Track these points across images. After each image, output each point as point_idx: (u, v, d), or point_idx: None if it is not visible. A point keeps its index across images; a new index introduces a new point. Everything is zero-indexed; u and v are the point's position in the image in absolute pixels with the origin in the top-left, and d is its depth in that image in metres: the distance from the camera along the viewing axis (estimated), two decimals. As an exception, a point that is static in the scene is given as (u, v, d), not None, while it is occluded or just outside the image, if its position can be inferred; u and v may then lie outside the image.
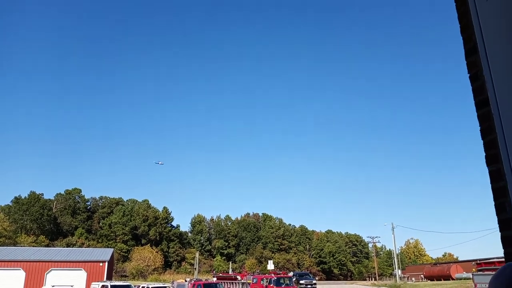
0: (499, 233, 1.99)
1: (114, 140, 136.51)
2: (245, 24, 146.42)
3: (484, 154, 2.15)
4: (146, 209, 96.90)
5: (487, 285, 14.27)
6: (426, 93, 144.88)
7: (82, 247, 65.98)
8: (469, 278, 50.43)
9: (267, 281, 28.64)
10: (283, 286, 28.66)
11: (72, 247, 67.50)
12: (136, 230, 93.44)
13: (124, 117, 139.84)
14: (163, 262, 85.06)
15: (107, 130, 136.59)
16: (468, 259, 73.21)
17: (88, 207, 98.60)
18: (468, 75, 2.34)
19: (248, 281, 30.30)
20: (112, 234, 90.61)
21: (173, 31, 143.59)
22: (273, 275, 29.77)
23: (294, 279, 33.82)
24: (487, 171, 2.11)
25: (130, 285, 29.97)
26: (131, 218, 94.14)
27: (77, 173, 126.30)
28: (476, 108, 2.23)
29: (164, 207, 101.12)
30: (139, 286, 31.06)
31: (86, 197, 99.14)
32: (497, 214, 2.00)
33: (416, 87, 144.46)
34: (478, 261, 23.11)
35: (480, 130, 2.20)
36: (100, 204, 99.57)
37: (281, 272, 32.16)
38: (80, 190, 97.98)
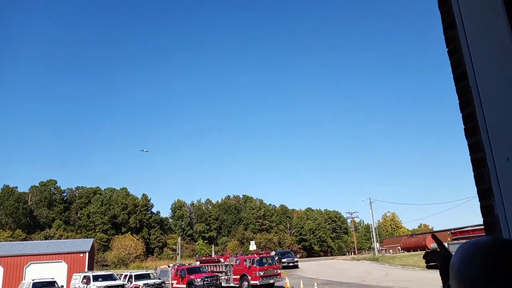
0: (478, 203, 2.05)
1: (88, 129, 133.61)
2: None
3: (463, 126, 2.17)
4: (124, 197, 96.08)
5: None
6: (397, 67, 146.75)
7: (60, 239, 64.98)
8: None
9: (250, 262, 29.02)
10: (266, 265, 29.11)
11: (51, 239, 66.45)
12: (116, 219, 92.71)
13: (95, 104, 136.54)
14: (144, 249, 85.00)
15: (79, 118, 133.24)
16: (443, 229, 75.99)
17: (65, 198, 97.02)
18: (447, 49, 2.35)
19: (231, 263, 30.63)
20: (91, 224, 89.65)
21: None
22: (255, 255, 30.16)
23: (276, 258, 34.34)
24: (466, 143, 2.14)
25: (113, 274, 29.85)
26: (109, 207, 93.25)
27: (51, 164, 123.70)
28: (455, 82, 2.25)
29: (143, 194, 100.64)
30: (122, 274, 31.04)
31: (62, 188, 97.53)
32: (476, 185, 2.04)
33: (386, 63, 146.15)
34: (453, 231, 23.94)
35: (459, 103, 2.21)
36: (77, 195, 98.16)
37: (263, 252, 32.59)
38: (56, 181, 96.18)
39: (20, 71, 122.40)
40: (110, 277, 28.19)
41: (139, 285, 27.74)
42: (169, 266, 32.54)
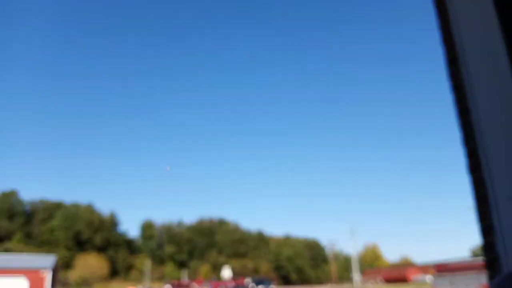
0: (480, 240, 2.15)
1: (53, 139, 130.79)
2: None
3: (466, 162, 2.29)
4: (90, 214, 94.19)
5: (445, 286, 14.98)
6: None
7: (20, 254, 62.92)
8: (425, 281, 53.03)
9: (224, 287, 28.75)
10: (240, 293, 28.88)
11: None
12: (80, 236, 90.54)
13: (60, 111, 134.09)
14: (110, 270, 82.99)
15: (43, 126, 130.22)
16: (424, 261, 76.86)
17: (27, 211, 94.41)
18: (449, 84, 2.48)
19: (205, 288, 30.27)
20: (53, 239, 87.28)
21: None
22: (230, 282, 29.86)
23: (250, 285, 34.10)
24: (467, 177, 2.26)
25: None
26: (74, 223, 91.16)
27: (13, 174, 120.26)
28: (457, 117, 2.38)
29: (111, 212, 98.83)
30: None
31: (24, 200, 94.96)
32: (478, 221, 2.16)
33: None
34: (436, 264, 24.41)
35: (461, 139, 2.34)
36: (40, 208, 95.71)
37: (238, 279, 32.30)
38: (17, 193, 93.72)
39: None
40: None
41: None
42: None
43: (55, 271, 40.91)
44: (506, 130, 1.98)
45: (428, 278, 49.36)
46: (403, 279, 63.67)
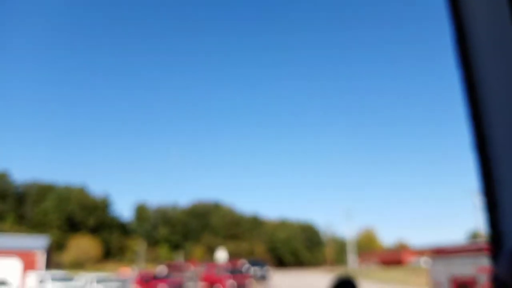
0: (484, 217, 2.29)
1: (48, 120, 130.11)
2: None
3: (472, 143, 2.41)
4: (83, 196, 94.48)
5: (441, 270, 15.21)
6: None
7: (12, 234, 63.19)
8: (420, 264, 54.04)
9: (219, 270, 29.13)
10: (235, 274, 29.31)
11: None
12: (73, 218, 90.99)
13: (53, 92, 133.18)
14: (103, 252, 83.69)
15: (37, 109, 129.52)
16: (419, 244, 78.16)
17: (19, 193, 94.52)
18: (457, 66, 2.58)
19: (199, 270, 30.67)
20: (46, 221, 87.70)
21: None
22: (226, 263, 30.31)
23: (247, 267, 34.55)
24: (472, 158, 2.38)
25: (71, 275, 29.38)
26: (67, 205, 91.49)
27: (5, 156, 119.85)
28: (464, 99, 2.49)
29: (104, 194, 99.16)
30: (82, 277, 30.51)
31: (17, 181, 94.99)
32: (482, 200, 2.29)
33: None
34: (432, 247, 24.82)
35: (468, 120, 2.44)
36: (32, 190, 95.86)
37: (234, 260, 32.77)
38: (9, 174, 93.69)
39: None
40: (68, 279, 27.68)
41: (100, 289, 27.38)
42: (132, 270, 32.24)
43: (48, 252, 41.18)
44: (510, 112, 2.08)
45: (423, 261, 50.27)
46: (398, 262, 64.74)
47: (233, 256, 76.56)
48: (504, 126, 2.20)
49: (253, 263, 51.09)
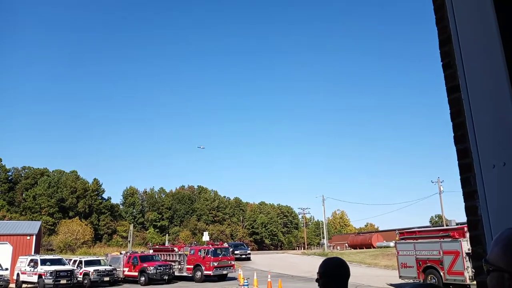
0: (464, 203, 2.29)
1: (38, 105, 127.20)
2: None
3: (453, 134, 2.41)
4: (74, 181, 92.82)
5: (409, 252, 15.54)
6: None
7: (4, 220, 61.84)
8: (389, 246, 55.01)
9: (204, 252, 29.10)
10: (220, 256, 29.33)
11: (-7, 220, 63.05)
12: (64, 203, 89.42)
13: (49, 81, 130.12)
14: (93, 235, 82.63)
15: (29, 93, 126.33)
16: (387, 228, 79.59)
17: (10, 178, 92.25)
18: (441, 63, 2.56)
19: (185, 253, 30.55)
20: (36, 206, 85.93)
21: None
22: (210, 246, 30.27)
23: (230, 249, 34.63)
24: (455, 149, 2.38)
25: (62, 258, 28.90)
26: (57, 189, 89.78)
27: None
28: (447, 93, 2.47)
29: (95, 179, 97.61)
30: (71, 259, 30.10)
31: (7, 167, 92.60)
32: (462, 187, 2.28)
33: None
34: (400, 231, 25.27)
35: (450, 113, 2.44)
36: (23, 175, 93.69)
37: (218, 243, 32.77)
38: (0, 160, 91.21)
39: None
40: (59, 262, 27.24)
41: (89, 271, 27.03)
42: (121, 253, 31.92)
43: (39, 236, 40.47)
44: (491, 105, 2.08)
45: (392, 243, 51.21)
46: (368, 245, 65.74)
47: (215, 239, 76.85)
48: (484, 123, 2.19)
49: (236, 245, 51.45)
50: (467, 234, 19.03)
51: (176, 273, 30.16)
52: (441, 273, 19.43)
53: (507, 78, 2.01)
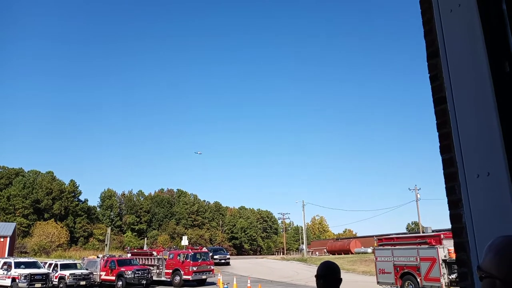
0: (448, 211, 2.36)
1: (14, 104, 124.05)
2: None
3: (439, 144, 2.48)
4: (50, 182, 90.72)
5: (387, 258, 15.73)
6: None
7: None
8: (366, 252, 55.58)
9: (183, 257, 28.83)
10: (199, 261, 29.10)
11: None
12: (39, 204, 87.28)
13: (24, 81, 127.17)
14: (68, 238, 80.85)
15: (4, 93, 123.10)
16: (365, 235, 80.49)
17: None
18: (429, 75, 2.64)
19: (164, 257, 30.20)
20: (11, 207, 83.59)
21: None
22: (190, 250, 30.01)
23: (210, 253, 34.41)
24: (440, 159, 2.46)
25: (37, 261, 28.17)
26: (32, 190, 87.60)
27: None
28: (434, 105, 2.55)
29: (71, 180, 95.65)
30: (46, 262, 29.36)
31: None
32: (447, 196, 2.36)
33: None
34: (379, 237, 25.62)
35: (436, 123, 2.51)
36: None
37: (198, 248, 32.53)
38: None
39: None
40: (33, 265, 26.54)
41: (65, 275, 26.40)
42: (98, 257, 31.31)
43: (13, 238, 39.43)
44: (476, 117, 2.16)
45: (370, 249, 51.76)
46: (347, 251, 66.22)
47: (195, 243, 76.22)
48: (469, 133, 2.27)
49: (215, 250, 51.14)
50: (444, 241, 19.42)
51: (155, 278, 29.72)
52: (418, 279, 19.76)
53: (492, 91, 2.08)
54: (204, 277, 29.41)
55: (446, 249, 19.03)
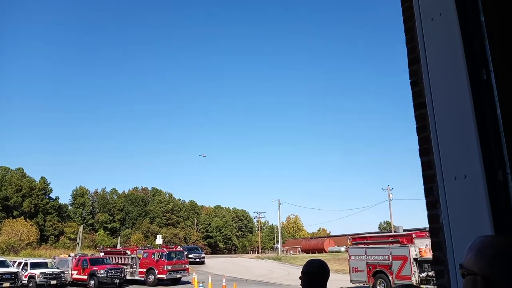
0: (426, 211, 2.47)
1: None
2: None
3: (418, 147, 2.58)
4: (20, 178, 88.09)
5: (360, 257, 16.07)
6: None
7: None
8: (340, 251, 56.41)
9: (158, 255, 28.54)
10: (174, 260, 28.87)
11: None
12: (7, 201, 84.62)
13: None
14: (38, 237, 78.68)
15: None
16: (339, 234, 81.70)
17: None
18: (410, 80, 2.74)
19: (138, 256, 29.82)
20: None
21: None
22: (165, 249, 29.75)
23: (184, 252, 34.20)
24: (419, 161, 2.57)
25: (5, 260, 27.31)
26: (1, 187, 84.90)
27: None
28: (414, 109, 2.65)
29: (42, 177, 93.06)
30: (16, 261, 28.51)
31: None
32: (425, 197, 2.46)
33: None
34: (352, 236, 26.08)
35: (416, 127, 2.61)
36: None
37: (173, 246, 32.25)
38: None
39: None
40: (2, 264, 25.70)
41: (35, 274, 25.71)
42: (69, 256, 30.63)
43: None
44: (455, 122, 2.26)
45: (343, 248, 52.55)
46: (320, 250, 66.98)
47: (170, 242, 75.45)
48: (447, 137, 2.38)
49: (190, 249, 50.84)
50: (415, 241, 19.94)
51: (128, 277, 29.31)
52: (390, 278, 20.22)
53: (470, 97, 2.17)
54: (178, 276, 29.22)
55: (418, 248, 19.55)
